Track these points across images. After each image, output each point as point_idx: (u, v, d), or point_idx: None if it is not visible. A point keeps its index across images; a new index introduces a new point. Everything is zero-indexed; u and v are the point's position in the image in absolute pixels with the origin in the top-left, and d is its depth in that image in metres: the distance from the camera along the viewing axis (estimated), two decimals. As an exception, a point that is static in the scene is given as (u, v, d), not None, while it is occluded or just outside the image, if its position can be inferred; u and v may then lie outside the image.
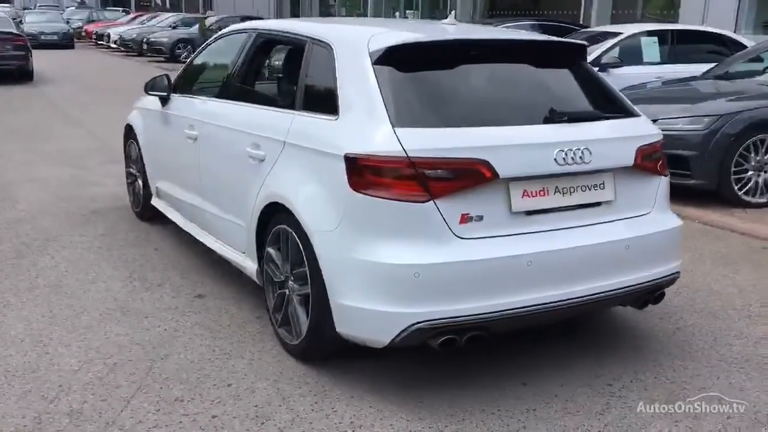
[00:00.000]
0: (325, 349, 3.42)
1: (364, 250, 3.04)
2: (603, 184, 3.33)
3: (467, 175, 3.02)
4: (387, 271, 3.00)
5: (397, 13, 25.33)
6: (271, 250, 3.66)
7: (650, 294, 3.51)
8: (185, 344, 3.68)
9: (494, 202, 3.09)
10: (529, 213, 3.17)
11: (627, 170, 3.40)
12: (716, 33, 10.12)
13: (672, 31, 9.99)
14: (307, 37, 3.78)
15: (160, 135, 5.19)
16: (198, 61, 5.13)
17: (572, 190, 3.25)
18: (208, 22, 23.46)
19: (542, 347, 3.70)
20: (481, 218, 3.06)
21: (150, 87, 5.05)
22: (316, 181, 3.29)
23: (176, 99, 4.96)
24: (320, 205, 3.24)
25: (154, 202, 5.52)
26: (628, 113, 3.59)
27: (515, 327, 3.31)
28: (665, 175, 3.63)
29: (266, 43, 4.38)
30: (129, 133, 5.91)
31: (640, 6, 17.78)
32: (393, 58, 3.28)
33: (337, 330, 3.21)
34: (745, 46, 9.82)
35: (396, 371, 3.42)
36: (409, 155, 2.98)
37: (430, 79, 3.39)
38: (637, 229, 3.40)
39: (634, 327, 4.00)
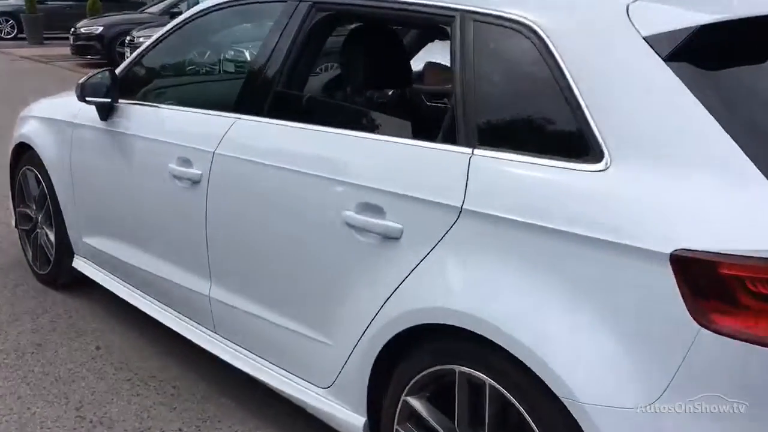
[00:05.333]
0: None
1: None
2: None
3: None
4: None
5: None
6: (416, 403, 2.00)
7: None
8: None
9: None
10: None
11: None
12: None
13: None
14: (455, 9, 2.07)
15: (99, 165, 3.25)
16: (166, 52, 3.18)
17: None
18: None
19: None
20: None
21: (87, 91, 3.09)
22: (574, 298, 1.66)
23: (132, 111, 3.06)
24: (599, 352, 1.61)
25: (79, 265, 3.58)
26: None
27: None
28: None
29: (336, 20, 2.58)
30: (21, 155, 3.87)
31: None
32: (686, 50, 1.71)
33: None
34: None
35: None
36: (840, 258, 1.43)
37: (748, 89, 1.83)
38: None
39: None
